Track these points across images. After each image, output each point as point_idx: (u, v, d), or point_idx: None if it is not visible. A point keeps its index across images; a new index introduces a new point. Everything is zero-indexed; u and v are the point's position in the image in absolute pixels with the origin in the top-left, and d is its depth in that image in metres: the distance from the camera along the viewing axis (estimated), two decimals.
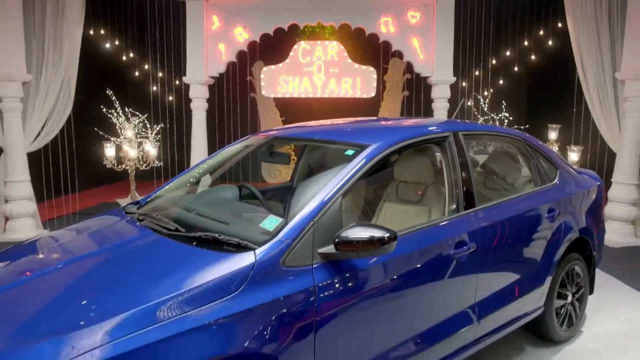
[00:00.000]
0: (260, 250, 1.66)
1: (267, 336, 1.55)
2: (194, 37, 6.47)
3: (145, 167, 5.94)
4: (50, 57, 5.96)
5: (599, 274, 4.26)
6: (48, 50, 5.94)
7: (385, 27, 6.48)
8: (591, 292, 3.14)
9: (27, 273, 1.82)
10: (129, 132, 5.81)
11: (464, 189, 2.29)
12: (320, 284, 1.69)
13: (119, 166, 5.83)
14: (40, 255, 1.99)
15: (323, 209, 1.78)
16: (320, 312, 1.67)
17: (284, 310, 1.60)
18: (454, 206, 2.25)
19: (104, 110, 6.13)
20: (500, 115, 7.15)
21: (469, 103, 6.81)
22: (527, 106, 7.70)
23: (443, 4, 6.34)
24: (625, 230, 5.70)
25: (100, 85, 6.57)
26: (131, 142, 5.75)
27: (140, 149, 5.83)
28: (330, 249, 1.72)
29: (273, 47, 6.95)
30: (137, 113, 6.70)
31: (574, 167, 3.31)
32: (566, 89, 6.01)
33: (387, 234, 1.68)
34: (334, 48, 6.83)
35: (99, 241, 2.06)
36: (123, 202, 6.61)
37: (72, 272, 1.75)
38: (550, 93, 6.91)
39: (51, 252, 2.05)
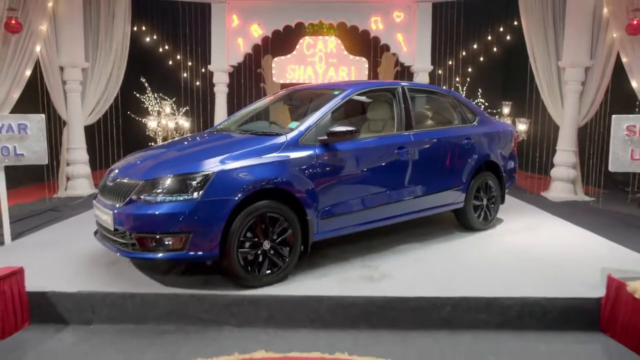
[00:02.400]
0: (288, 135, 3.34)
1: (293, 173, 3.22)
2: (217, 33, 8.18)
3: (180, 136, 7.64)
4: (102, 48, 7.66)
5: (532, 209, 5.91)
6: (101, 43, 7.65)
7: (375, 25, 8.18)
8: (502, 202, 4.80)
9: (182, 143, 3.63)
10: (167, 109, 7.51)
11: (405, 118, 3.97)
12: (319, 154, 3.36)
13: (158, 134, 7.52)
14: (184, 141, 3.78)
15: (321, 117, 3.47)
16: (318, 168, 3.34)
17: (301, 163, 3.27)
18: (399, 128, 3.94)
19: (137, 95, 7.79)
20: (476, 100, 8.80)
21: (444, 87, 8.48)
22: (493, 89, 9.31)
23: (422, 6, 8.05)
24: (566, 188, 7.34)
25: (140, 73, 8.27)
26: (169, 117, 7.44)
27: (175, 122, 7.52)
28: (324, 137, 3.39)
29: (282, 41, 8.63)
30: (166, 98, 8.40)
31: (493, 118, 5.01)
32: (521, 75, 7.68)
33: (355, 128, 3.37)
34: (333, 42, 8.53)
35: (204, 138, 3.76)
36: None
37: (217, 144, 3.52)
38: (507, 78, 8.57)
39: (184, 140, 3.83)
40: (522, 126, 7.20)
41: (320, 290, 3.13)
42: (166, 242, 2.95)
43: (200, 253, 2.97)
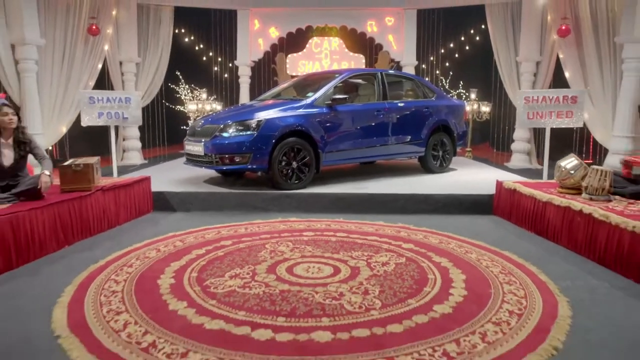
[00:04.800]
0: (307, 100, 5.71)
1: (310, 122, 5.55)
2: (242, 34, 10.58)
3: None
4: (151, 47, 10.07)
5: (486, 167, 8.21)
6: (150, 43, 10.05)
7: (371, 28, 10.55)
8: (454, 154, 7.14)
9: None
10: (204, 95, 9.91)
11: (382, 93, 6.32)
12: (325, 112, 5.71)
13: (192, 116, 9.91)
14: (240, 106, 6.15)
15: (327, 90, 5.83)
16: (325, 121, 5.69)
17: (314, 116, 5.61)
18: (377, 99, 6.30)
19: (172, 86, 10.16)
20: (458, 91, 11.13)
21: (426, 78, 10.84)
22: (468, 80, 11.60)
23: (409, 13, 10.41)
24: (523, 159, 9.65)
25: (177, 67, 10.66)
26: (204, 101, 9.83)
27: (210, 105, 9.91)
28: (329, 101, 5.75)
29: (295, 41, 10.99)
30: (197, 88, 10.79)
31: (448, 96, 7.37)
32: (487, 67, 10.02)
33: (347, 96, 5.74)
34: (336, 42, 10.89)
35: (252, 104, 6.13)
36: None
37: (263, 105, 5.88)
38: (476, 71, 10.90)
39: (240, 105, 6.26)
40: (484, 108, 9.53)
41: (326, 191, 5.48)
42: (236, 159, 5.32)
43: (255, 166, 5.34)
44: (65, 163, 4.45)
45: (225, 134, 5.38)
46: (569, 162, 4.43)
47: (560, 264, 3.74)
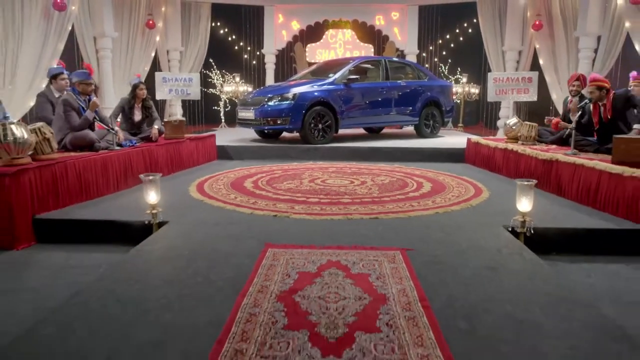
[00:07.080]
0: (330, 79, 8.07)
1: (332, 95, 7.91)
2: (268, 27, 12.93)
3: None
4: (192, 38, 12.46)
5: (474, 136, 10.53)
6: (191, 34, 12.45)
7: (379, 21, 12.86)
8: (443, 125, 9.46)
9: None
10: (237, 78, 12.29)
11: (385, 74, 8.65)
12: (343, 88, 8.06)
13: (229, 97, 12.29)
14: (277, 85, 8.52)
15: (344, 71, 8.18)
16: (342, 95, 8.04)
17: (335, 91, 7.97)
18: (382, 79, 8.64)
19: (204, 71, 12.56)
20: (456, 76, 13.41)
21: (426, 65, 13.14)
22: (462, 67, 13.95)
23: (411, 8, 12.71)
24: None
25: (213, 55, 13.04)
26: (238, 83, 12.21)
27: (243, 87, 12.29)
28: (345, 80, 8.11)
29: (313, 32, 13.31)
30: (227, 73, 13.16)
31: (439, 78, 9.69)
32: (478, 55, 12.29)
33: (358, 77, 8.10)
34: (349, 33, 13.20)
35: (286, 82, 8.50)
36: (218, 129, 12.99)
37: (296, 82, 8.30)
38: (468, 58, 13.20)
39: (276, 84, 8.59)
40: (473, 89, 11.84)
41: (343, 146, 7.85)
42: (278, 122, 7.69)
43: (292, 126, 7.72)
44: (166, 119, 6.85)
45: (270, 103, 7.75)
46: (512, 120, 6.75)
47: (495, 181, 6.09)
